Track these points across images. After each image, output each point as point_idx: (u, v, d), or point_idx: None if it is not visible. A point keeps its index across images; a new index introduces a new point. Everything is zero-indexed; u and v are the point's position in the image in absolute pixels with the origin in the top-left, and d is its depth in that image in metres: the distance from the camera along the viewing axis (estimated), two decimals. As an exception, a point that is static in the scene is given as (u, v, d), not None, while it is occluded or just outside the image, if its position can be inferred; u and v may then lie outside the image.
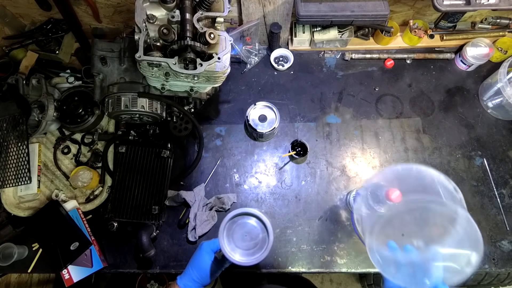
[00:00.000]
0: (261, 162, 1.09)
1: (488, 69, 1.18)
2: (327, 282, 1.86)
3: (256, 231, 0.72)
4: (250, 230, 0.73)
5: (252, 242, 0.72)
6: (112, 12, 1.10)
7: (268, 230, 0.71)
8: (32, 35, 1.15)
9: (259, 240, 0.72)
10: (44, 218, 0.98)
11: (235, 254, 0.71)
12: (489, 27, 1.16)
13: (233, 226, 0.73)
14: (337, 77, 1.19)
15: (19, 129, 1.01)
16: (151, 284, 1.55)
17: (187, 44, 0.75)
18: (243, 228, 0.73)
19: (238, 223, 0.74)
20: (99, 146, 1.10)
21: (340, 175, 1.07)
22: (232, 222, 0.73)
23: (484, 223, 0.99)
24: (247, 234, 0.73)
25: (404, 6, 1.13)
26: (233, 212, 0.72)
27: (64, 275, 0.94)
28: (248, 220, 0.73)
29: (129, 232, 1.02)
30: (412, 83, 1.17)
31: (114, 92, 0.92)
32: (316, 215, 1.02)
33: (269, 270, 0.97)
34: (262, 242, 0.71)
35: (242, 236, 0.73)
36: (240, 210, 0.73)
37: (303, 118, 1.14)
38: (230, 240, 0.72)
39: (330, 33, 1.15)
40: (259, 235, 0.72)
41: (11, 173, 1.00)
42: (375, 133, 1.11)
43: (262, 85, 1.19)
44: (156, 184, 1.01)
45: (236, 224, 0.74)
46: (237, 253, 0.71)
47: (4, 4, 1.07)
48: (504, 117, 1.10)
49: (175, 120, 1.08)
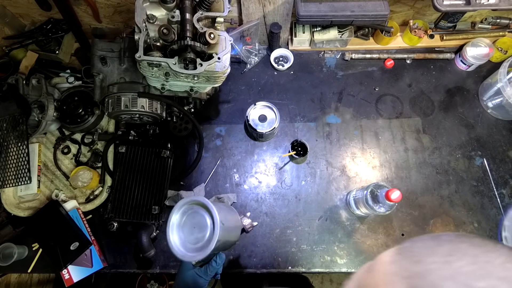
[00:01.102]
0: (261, 162, 1.09)
1: (488, 69, 1.18)
2: (327, 282, 1.86)
3: (204, 222, 0.66)
4: (199, 221, 0.67)
5: (201, 235, 0.66)
6: (112, 12, 1.10)
7: (215, 220, 0.65)
8: (32, 35, 1.15)
9: (207, 233, 0.66)
10: (44, 218, 0.99)
11: (181, 248, 0.65)
12: (489, 27, 1.16)
13: (183, 217, 0.68)
14: (337, 77, 1.19)
15: (19, 129, 1.01)
16: (151, 284, 1.55)
17: (187, 44, 0.75)
18: (192, 219, 0.68)
19: (189, 214, 0.68)
20: (99, 146, 1.10)
21: (340, 175, 1.07)
22: (182, 213, 0.68)
23: (484, 223, 0.99)
24: (196, 226, 0.67)
25: (404, 6, 1.13)
26: (181, 201, 0.67)
27: (64, 275, 0.94)
28: (198, 210, 0.68)
29: (129, 232, 1.02)
30: (412, 83, 1.17)
31: (114, 92, 0.92)
32: (316, 215, 1.02)
33: (269, 270, 0.97)
34: (209, 234, 0.65)
35: (191, 228, 0.67)
36: (189, 198, 0.68)
37: (303, 118, 1.14)
38: (180, 232, 0.67)
39: (330, 33, 1.15)
40: (207, 227, 0.66)
41: (11, 173, 1.00)
42: (375, 133, 1.11)
43: (262, 85, 1.19)
44: (156, 184, 1.01)
45: (187, 214, 0.68)
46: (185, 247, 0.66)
47: (4, 4, 1.07)
48: (504, 117, 1.10)
49: (175, 120, 1.08)
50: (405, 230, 0.99)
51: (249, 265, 0.98)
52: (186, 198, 0.68)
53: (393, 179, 1.05)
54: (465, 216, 1.00)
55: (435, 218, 1.00)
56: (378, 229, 1.00)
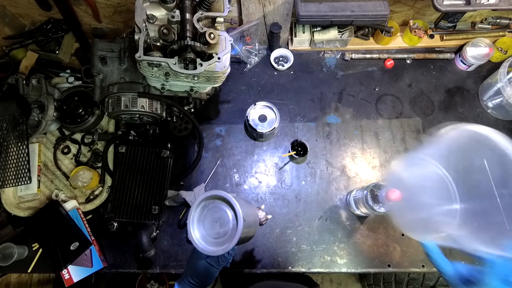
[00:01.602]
0: (261, 162, 1.09)
1: (488, 69, 1.18)
2: (327, 282, 1.86)
3: (227, 218, 0.65)
4: (220, 216, 0.66)
5: (223, 230, 0.65)
6: (112, 12, 1.10)
7: (238, 216, 0.63)
8: (32, 35, 1.15)
9: (229, 228, 0.64)
10: (44, 218, 0.98)
11: (203, 242, 0.64)
12: (489, 27, 1.16)
13: (204, 211, 0.67)
14: (337, 77, 1.19)
15: (19, 129, 1.01)
16: (151, 284, 1.55)
17: (187, 44, 0.75)
18: (214, 214, 0.67)
19: (210, 208, 0.67)
20: (99, 146, 1.10)
21: (340, 175, 1.07)
22: (203, 207, 0.67)
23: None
24: (217, 221, 0.66)
25: (404, 6, 1.13)
26: (203, 195, 0.66)
27: (64, 275, 0.94)
28: (219, 205, 0.67)
29: (129, 232, 1.02)
30: (412, 83, 1.17)
31: (114, 92, 0.92)
32: (316, 215, 1.02)
33: (269, 270, 0.97)
34: (232, 230, 0.64)
35: (212, 222, 0.66)
36: (210, 192, 0.66)
37: (303, 118, 1.14)
38: (200, 226, 0.66)
39: (330, 33, 1.15)
40: (229, 222, 0.65)
41: (11, 173, 1.00)
42: (375, 133, 1.11)
43: (262, 85, 1.19)
44: (156, 184, 1.01)
45: (208, 208, 0.67)
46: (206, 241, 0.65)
47: (4, 4, 1.07)
48: (504, 117, 1.10)
49: (175, 120, 1.08)
50: (405, 230, 0.99)
51: (249, 265, 0.98)
52: (207, 192, 0.67)
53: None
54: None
55: (435, 218, 1.00)
56: (378, 229, 1.00)
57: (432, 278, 1.26)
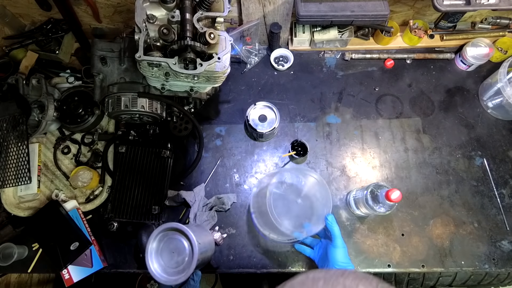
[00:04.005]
0: (261, 162, 1.09)
1: (488, 69, 1.18)
2: (327, 282, 1.86)
3: (182, 246, 0.72)
4: (176, 245, 0.72)
5: (181, 257, 0.71)
6: (112, 12, 1.10)
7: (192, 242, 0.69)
8: (32, 35, 1.15)
9: (186, 255, 0.71)
10: (44, 218, 0.98)
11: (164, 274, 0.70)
12: (489, 27, 1.16)
13: (160, 244, 0.73)
14: (337, 77, 1.19)
15: (19, 129, 1.01)
16: (151, 284, 1.55)
17: (187, 44, 0.75)
18: (170, 244, 0.72)
19: (165, 241, 0.73)
20: (99, 146, 1.10)
21: (340, 175, 1.07)
22: (159, 241, 0.73)
23: (484, 223, 0.99)
24: (174, 251, 0.72)
25: (404, 6, 1.13)
26: (156, 230, 0.72)
27: (64, 275, 0.94)
28: (173, 236, 0.73)
29: (129, 232, 1.02)
30: (412, 83, 1.17)
31: (114, 92, 0.92)
32: (316, 215, 1.02)
33: (269, 270, 0.97)
34: (189, 256, 0.70)
35: (170, 253, 0.72)
36: (163, 226, 0.72)
37: (303, 118, 1.14)
38: (159, 259, 0.71)
39: (330, 33, 1.15)
40: (185, 249, 0.71)
41: (11, 173, 1.00)
42: (375, 133, 1.11)
43: (262, 85, 1.19)
44: (156, 184, 1.01)
45: (163, 242, 0.73)
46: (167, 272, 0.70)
47: (4, 4, 1.07)
48: (504, 117, 1.10)
49: (175, 120, 1.08)
50: (405, 230, 0.99)
51: (249, 265, 0.98)
52: (160, 227, 0.73)
53: (393, 179, 1.05)
54: (465, 216, 1.00)
55: (435, 218, 1.00)
56: (378, 229, 1.00)
57: (432, 278, 1.26)
